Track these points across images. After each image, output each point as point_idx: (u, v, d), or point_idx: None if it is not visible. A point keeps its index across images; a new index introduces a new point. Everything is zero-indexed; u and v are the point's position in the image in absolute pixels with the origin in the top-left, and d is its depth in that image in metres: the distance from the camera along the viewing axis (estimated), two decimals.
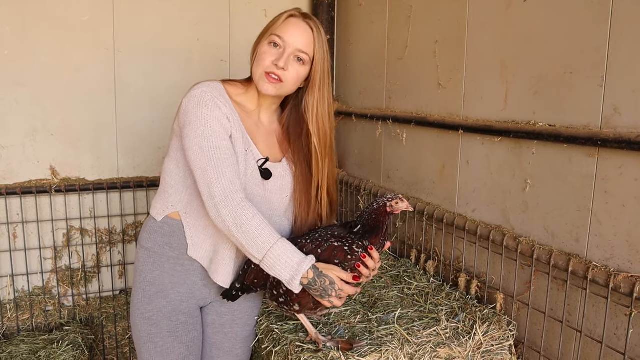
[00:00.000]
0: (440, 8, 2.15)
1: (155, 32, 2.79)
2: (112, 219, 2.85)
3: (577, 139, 1.56)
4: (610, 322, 1.52)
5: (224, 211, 1.56)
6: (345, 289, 1.57)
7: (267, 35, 1.71)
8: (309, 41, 1.71)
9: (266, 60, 1.68)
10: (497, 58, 1.87)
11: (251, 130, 1.78)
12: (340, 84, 3.06)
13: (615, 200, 1.49)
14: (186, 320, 1.80)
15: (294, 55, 1.69)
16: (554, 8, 1.65)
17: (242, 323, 1.90)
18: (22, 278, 2.73)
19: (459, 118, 2.07)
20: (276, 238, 1.56)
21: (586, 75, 1.55)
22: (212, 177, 1.57)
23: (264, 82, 1.69)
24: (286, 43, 1.68)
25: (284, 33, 1.69)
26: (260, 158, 1.77)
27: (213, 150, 1.59)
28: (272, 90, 1.70)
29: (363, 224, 1.66)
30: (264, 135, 1.83)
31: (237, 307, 1.89)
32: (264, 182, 1.77)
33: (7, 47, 2.54)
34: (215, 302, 1.88)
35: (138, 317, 1.79)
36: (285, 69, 1.67)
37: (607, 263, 1.52)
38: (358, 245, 1.62)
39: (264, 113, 1.85)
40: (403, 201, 1.66)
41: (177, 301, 1.79)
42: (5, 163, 2.63)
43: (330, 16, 2.98)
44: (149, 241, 1.79)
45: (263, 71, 1.68)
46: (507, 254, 1.85)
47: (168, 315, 1.77)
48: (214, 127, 1.61)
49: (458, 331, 1.73)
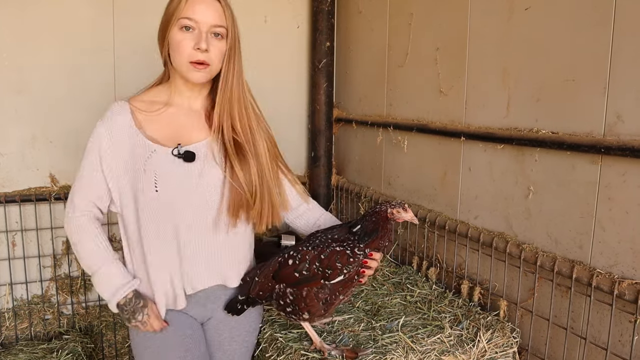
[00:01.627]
0: (441, 15, 2.16)
1: (155, 36, 2.78)
2: (112, 226, 2.84)
3: (580, 146, 1.56)
4: (614, 329, 1.52)
5: (69, 229, 1.71)
6: (151, 319, 1.67)
7: (174, 20, 1.59)
8: (220, 13, 1.61)
9: (186, 48, 1.58)
10: (499, 65, 1.87)
11: (175, 126, 1.69)
12: (340, 91, 3.07)
13: (618, 207, 1.50)
14: (192, 334, 1.74)
15: (211, 32, 1.60)
16: (556, 16, 1.66)
17: (240, 340, 1.84)
18: (20, 286, 2.70)
19: (461, 125, 2.07)
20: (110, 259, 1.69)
21: (588, 83, 1.56)
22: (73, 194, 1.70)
23: (192, 72, 1.61)
24: (198, 23, 1.58)
25: (193, 13, 1.57)
26: (173, 148, 1.65)
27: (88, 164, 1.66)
28: (203, 77, 1.63)
29: (363, 225, 1.65)
30: (197, 122, 1.73)
31: (234, 325, 1.82)
32: (190, 167, 1.65)
33: (6, 54, 2.53)
34: (213, 319, 1.81)
35: (141, 337, 1.72)
36: (208, 50, 1.58)
37: (611, 270, 1.52)
38: (360, 248, 1.62)
39: (196, 101, 1.75)
40: (407, 211, 1.63)
41: (177, 319, 1.74)
42: (4, 171, 2.62)
43: (330, 23, 2.98)
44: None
45: (187, 61, 1.59)
46: (510, 261, 1.85)
47: (173, 330, 1.72)
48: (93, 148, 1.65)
49: (462, 338, 1.73)
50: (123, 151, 1.63)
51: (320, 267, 1.61)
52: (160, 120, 1.69)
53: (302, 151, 3.23)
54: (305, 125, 3.23)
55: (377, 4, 2.63)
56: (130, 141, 1.63)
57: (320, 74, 3.01)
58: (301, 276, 1.63)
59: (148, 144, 1.64)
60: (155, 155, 1.63)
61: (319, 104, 3.03)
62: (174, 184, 1.63)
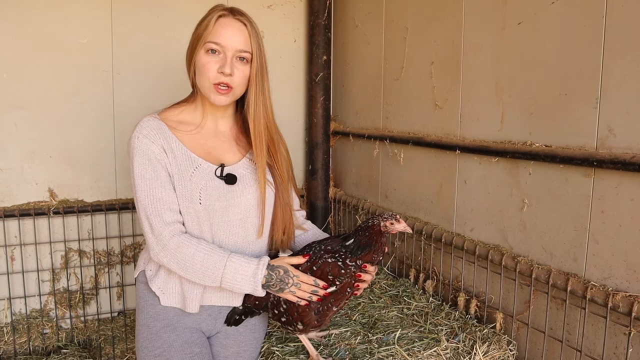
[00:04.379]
0: (436, 30, 2.19)
1: (153, 54, 2.82)
2: (110, 240, 2.85)
3: (573, 159, 1.58)
4: (609, 341, 1.53)
5: (165, 260, 1.61)
6: (300, 277, 1.62)
7: (201, 43, 1.63)
8: (246, 38, 1.64)
9: (210, 71, 1.62)
10: (493, 79, 1.89)
11: (207, 146, 1.73)
12: (337, 104, 3.09)
13: (612, 220, 1.51)
14: (200, 351, 1.71)
15: (236, 56, 1.63)
16: (548, 30, 1.68)
17: (246, 356, 1.83)
18: (19, 301, 2.71)
19: (456, 138, 2.09)
20: (223, 262, 1.59)
21: (581, 97, 1.57)
22: (151, 218, 1.59)
23: (215, 94, 1.64)
24: (224, 47, 1.62)
25: (219, 37, 1.61)
26: (216, 168, 1.69)
27: (153, 180, 1.60)
28: (225, 100, 1.66)
29: (356, 239, 1.65)
30: (227, 143, 1.78)
31: (242, 339, 1.82)
32: (232, 187, 1.69)
33: (5, 71, 2.56)
34: (220, 334, 1.81)
35: (146, 355, 1.68)
36: (232, 74, 1.62)
37: (605, 282, 1.53)
38: (352, 259, 1.62)
39: (222, 121, 1.79)
40: (400, 222, 1.63)
41: (186, 333, 1.71)
42: (3, 185, 2.63)
43: (326, 37, 3.01)
44: (144, 275, 1.77)
45: (210, 84, 1.63)
46: (505, 274, 1.86)
47: (180, 348, 1.68)
48: (152, 159, 1.61)
49: (458, 351, 1.73)
50: (171, 158, 1.64)
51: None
52: (194, 140, 1.71)
53: (300, 164, 3.25)
54: (302, 138, 3.25)
55: (373, 18, 2.66)
56: (174, 151, 1.65)
57: (317, 88, 3.03)
58: None
59: (193, 157, 1.67)
60: (200, 169, 1.67)
61: (316, 117, 3.05)
62: (214, 200, 1.66)
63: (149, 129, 1.63)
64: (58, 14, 2.61)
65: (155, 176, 1.61)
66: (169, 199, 1.62)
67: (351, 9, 2.88)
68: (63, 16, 2.62)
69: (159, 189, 1.61)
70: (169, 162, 1.63)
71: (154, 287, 1.71)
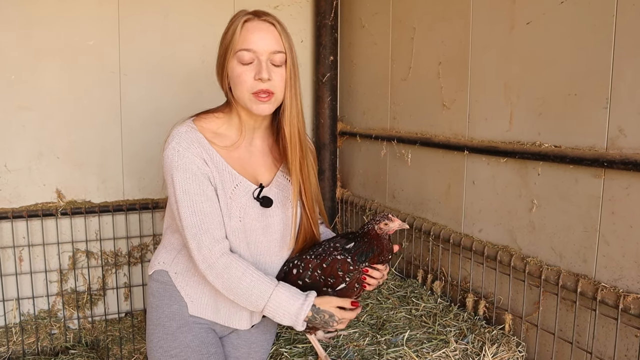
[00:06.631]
0: (444, 30, 2.18)
1: (161, 55, 2.82)
2: (118, 241, 2.86)
3: (583, 160, 1.57)
4: (620, 343, 1.51)
5: (211, 277, 1.57)
6: (345, 316, 1.61)
7: (232, 53, 1.54)
8: (277, 38, 1.56)
9: (247, 81, 1.54)
10: (501, 79, 1.88)
11: (243, 161, 1.68)
12: (344, 105, 3.08)
13: (622, 221, 1.50)
14: (216, 351, 1.70)
15: (270, 60, 1.55)
16: (557, 30, 1.67)
17: (257, 357, 1.83)
18: (27, 301, 2.72)
19: (464, 139, 2.08)
20: (269, 293, 1.55)
21: (591, 97, 1.56)
22: (198, 235, 1.53)
23: (256, 104, 1.55)
24: (257, 52, 1.53)
25: (250, 43, 1.53)
26: (255, 189, 1.66)
27: (199, 195, 1.54)
28: (268, 109, 1.58)
29: (357, 244, 1.65)
30: (261, 158, 1.73)
31: (253, 340, 1.82)
32: (266, 210, 1.68)
33: (13, 72, 2.57)
34: (232, 334, 1.81)
35: (161, 355, 1.66)
36: (270, 79, 1.53)
37: (616, 284, 1.52)
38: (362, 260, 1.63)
39: (258, 133, 1.73)
40: (394, 221, 1.61)
41: (202, 333, 1.69)
42: (11, 186, 2.64)
43: (333, 38, 3.01)
44: (164, 274, 1.72)
45: (249, 93, 1.54)
46: (514, 275, 1.85)
47: (197, 349, 1.66)
48: (196, 174, 1.55)
49: (467, 353, 1.73)
50: (214, 171, 1.59)
51: (322, 275, 1.63)
52: (230, 154, 1.65)
53: None
54: (309, 138, 3.24)
55: (380, 18, 2.65)
56: (216, 164, 1.60)
57: (324, 88, 3.03)
58: (304, 284, 1.64)
59: (234, 174, 1.63)
60: (240, 187, 1.63)
61: (323, 118, 3.05)
62: (253, 219, 1.64)
63: (189, 141, 1.56)
64: (66, 16, 2.62)
65: (201, 191, 1.55)
66: (216, 214, 1.57)
67: (358, 10, 2.88)
68: (70, 18, 2.63)
69: (206, 204, 1.55)
70: (213, 175, 1.58)
71: (182, 293, 1.69)
